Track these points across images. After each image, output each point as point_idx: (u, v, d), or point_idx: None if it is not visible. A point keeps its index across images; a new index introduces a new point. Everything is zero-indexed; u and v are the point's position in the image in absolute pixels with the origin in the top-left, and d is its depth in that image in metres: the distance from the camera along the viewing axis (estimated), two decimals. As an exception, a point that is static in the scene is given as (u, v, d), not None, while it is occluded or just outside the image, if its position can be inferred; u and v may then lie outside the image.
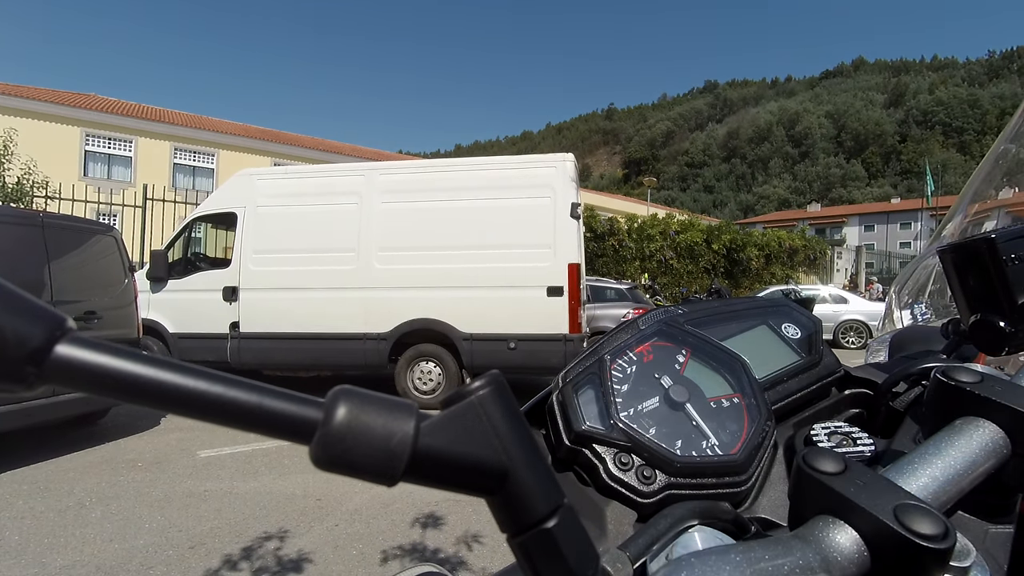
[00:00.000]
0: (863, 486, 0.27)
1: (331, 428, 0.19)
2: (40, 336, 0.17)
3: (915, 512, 0.25)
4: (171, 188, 13.60)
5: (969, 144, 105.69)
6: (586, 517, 0.38)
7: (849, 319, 12.57)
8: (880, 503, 0.26)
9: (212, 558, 2.74)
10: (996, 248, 0.44)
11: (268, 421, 0.19)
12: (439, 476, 0.21)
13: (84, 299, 4.56)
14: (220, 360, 6.23)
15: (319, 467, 0.20)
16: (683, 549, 0.29)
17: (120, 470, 4.05)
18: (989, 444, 0.32)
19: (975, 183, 0.85)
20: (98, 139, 18.29)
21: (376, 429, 0.20)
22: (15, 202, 9.17)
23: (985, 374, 0.35)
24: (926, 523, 0.25)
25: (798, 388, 0.49)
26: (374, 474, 0.20)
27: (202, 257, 7.25)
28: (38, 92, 18.04)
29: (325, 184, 6.23)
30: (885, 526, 0.25)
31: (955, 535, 0.25)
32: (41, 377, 0.17)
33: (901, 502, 0.26)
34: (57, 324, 0.18)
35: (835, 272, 21.73)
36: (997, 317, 0.45)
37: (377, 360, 6.01)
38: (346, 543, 2.93)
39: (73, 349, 0.18)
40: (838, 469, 0.28)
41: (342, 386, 0.21)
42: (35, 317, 0.18)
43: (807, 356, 0.50)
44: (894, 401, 0.48)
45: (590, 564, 0.23)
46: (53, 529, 3.05)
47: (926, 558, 0.24)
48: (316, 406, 0.20)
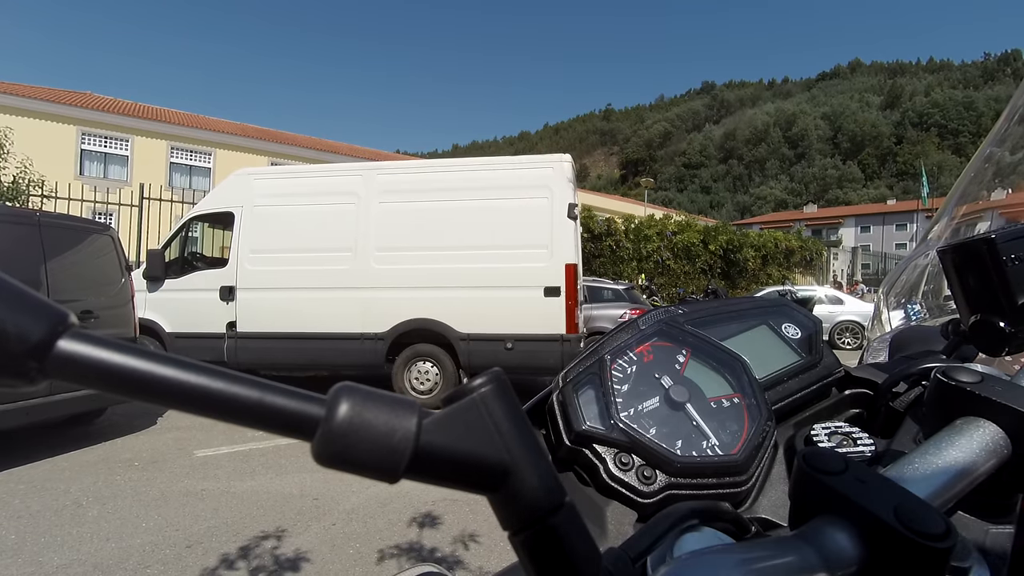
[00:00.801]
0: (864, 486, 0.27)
1: (333, 425, 0.19)
2: (42, 331, 0.17)
3: (916, 511, 0.25)
4: (168, 187, 13.56)
5: (965, 146, 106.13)
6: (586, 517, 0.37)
7: (845, 320, 12.63)
8: (881, 502, 0.26)
9: (209, 557, 2.75)
10: (996, 248, 0.44)
11: (269, 417, 0.19)
12: (441, 473, 0.21)
13: (81, 298, 4.56)
14: (217, 360, 6.22)
15: (321, 463, 0.19)
16: (683, 549, 0.29)
17: (117, 469, 4.04)
18: (989, 444, 0.32)
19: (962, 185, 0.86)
20: (94, 138, 18.23)
21: (378, 426, 0.20)
22: (11, 201, 9.14)
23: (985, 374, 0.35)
24: (927, 522, 0.25)
25: (798, 388, 0.49)
26: (376, 471, 0.20)
27: (199, 256, 7.24)
28: (34, 90, 17.97)
29: (322, 184, 6.23)
30: (886, 525, 0.25)
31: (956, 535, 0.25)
32: (43, 372, 0.17)
33: (902, 502, 0.26)
34: (59, 319, 0.18)
35: (831, 273, 21.82)
36: (997, 317, 0.45)
37: (374, 360, 6.01)
38: (343, 542, 2.94)
39: (75, 344, 0.18)
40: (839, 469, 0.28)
41: (344, 383, 0.21)
42: (37, 312, 0.17)
43: (807, 356, 0.50)
44: (894, 401, 0.48)
45: (592, 561, 0.23)
46: (50, 528, 3.05)
47: (927, 558, 0.24)
48: (318, 402, 0.20)
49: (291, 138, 23.80)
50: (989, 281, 0.45)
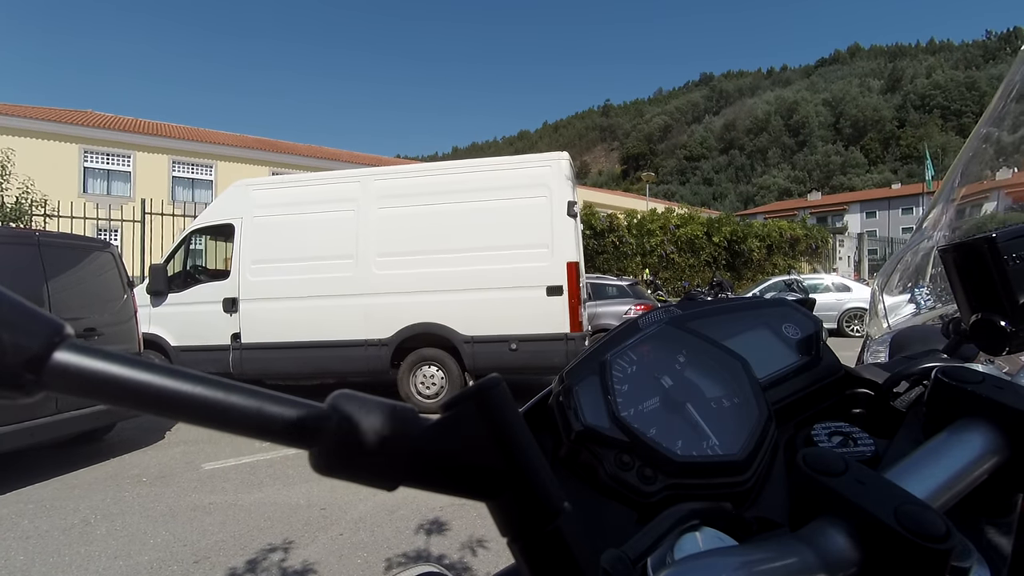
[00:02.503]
0: (864, 487, 0.27)
1: (332, 433, 0.19)
2: (38, 343, 0.17)
3: (916, 513, 0.25)
4: (170, 201, 13.65)
5: (968, 127, 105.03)
6: (586, 517, 0.38)
7: (853, 307, 12.56)
8: (881, 504, 0.26)
9: (217, 572, 2.74)
10: (997, 247, 0.45)
11: (268, 426, 0.19)
12: (439, 480, 0.21)
13: (83, 316, 4.57)
14: (223, 372, 6.24)
15: (319, 472, 0.20)
16: (684, 550, 0.29)
17: (125, 485, 4.05)
18: (990, 444, 0.32)
19: (959, 167, 0.83)
20: (96, 155, 18.38)
21: (376, 434, 0.20)
22: (14, 222, 9.21)
23: (986, 374, 0.35)
24: (927, 524, 0.25)
25: (798, 388, 0.49)
26: (374, 479, 0.20)
27: (201, 269, 7.25)
28: (35, 111, 18.15)
29: (320, 192, 6.23)
30: (886, 527, 0.25)
31: (956, 536, 0.25)
32: (40, 384, 0.17)
33: (902, 503, 0.26)
34: (55, 331, 0.18)
35: (838, 260, 21.64)
36: (998, 317, 0.45)
37: (379, 366, 6.00)
38: (351, 552, 2.92)
39: (71, 356, 0.18)
40: (839, 469, 0.28)
41: (341, 391, 0.21)
42: (33, 324, 0.17)
43: (807, 356, 0.50)
44: (895, 401, 0.48)
45: (590, 567, 0.23)
46: (58, 548, 3.05)
47: (927, 559, 0.24)
48: (316, 411, 0.20)
49: (291, 147, 23.90)
50: (990, 280, 0.45)
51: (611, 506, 0.39)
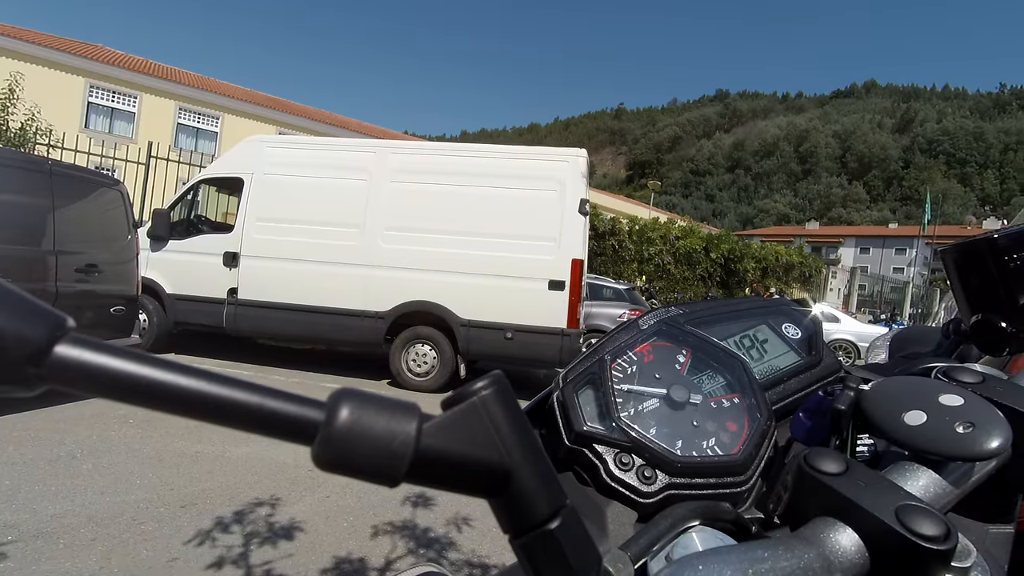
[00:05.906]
0: (864, 487, 0.27)
1: (333, 429, 0.19)
2: (40, 336, 0.17)
3: (917, 513, 0.25)
4: (174, 148, 13.44)
5: (971, 176, 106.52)
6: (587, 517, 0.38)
7: (839, 338, 12.74)
8: (881, 504, 0.26)
9: (203, 519, 2.76)
10: (997, 248, 0.45)
11: (269, 422, 0.19)
12: (441, 477, 0.21)
13: (86, 251, 4.52)
14: (216, 325, 6.21)
15: (321, 468, 0.20)
16: (684, 549, 0.30)
17: (111, 425, 4.05)
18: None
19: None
20: (102, 91, 17.99)
21: (378, 430, 0.20)
22: (17, 147, 9.03)
23: (986, 374, 0.35)
24: (928, 524, 0.25)
25: (798, 388, 0.49)
26: (376, 475, 0.20)
27: (205, 220, 7.19)
28: (43, 38, 17.68)
29: (335, 157, 6.19)
30: (887, 527, 0.25)
31: (956, 536, 0.25)
32: (42, 378, 0.17)
33: (903, 503, 0.26)
34: (57, 324, 0.18)
35: (828, 291, 21.91)
36: (998, 317, 0.45)
37: (373, 338, 6.01)
38: (337, 515, 2.96)
39: (73, 349, 0.18)
40: (839, 469, 0.28)
41: (344, 387, 0.21)
42: (35, 317, 0.17)
43: (807, 356, 0.50)
44: None
45: (592, 566, 0.23)
46: (44, 477, 3.06)
47: (928, 559, 0.24)
48: (318, 407, 0.20)
49: (300, 109, 23.57)
50: (991, 281, 0.45)
51: (611, 506, 0.39)
